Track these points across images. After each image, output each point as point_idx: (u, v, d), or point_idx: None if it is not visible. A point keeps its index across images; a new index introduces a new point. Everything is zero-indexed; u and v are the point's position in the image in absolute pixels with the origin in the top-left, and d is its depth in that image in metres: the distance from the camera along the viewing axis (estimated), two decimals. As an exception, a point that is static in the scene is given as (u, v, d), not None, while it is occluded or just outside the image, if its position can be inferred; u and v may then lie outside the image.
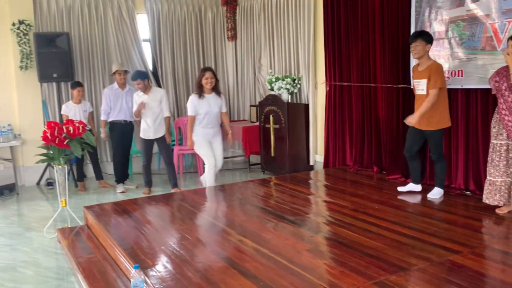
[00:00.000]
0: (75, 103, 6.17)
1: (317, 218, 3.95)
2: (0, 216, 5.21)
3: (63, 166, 4.44)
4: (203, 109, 5.13)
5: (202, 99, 5.14)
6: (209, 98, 5.17)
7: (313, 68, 6.34)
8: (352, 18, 5.59)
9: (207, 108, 5.14)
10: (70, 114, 6.05)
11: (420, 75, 4.26)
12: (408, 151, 4.51)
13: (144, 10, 7.45)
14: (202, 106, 5.13)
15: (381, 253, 3.03)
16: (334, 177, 5.55)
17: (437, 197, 4.34)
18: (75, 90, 6.15)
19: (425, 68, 4.22)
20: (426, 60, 4.24)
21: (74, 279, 3.44)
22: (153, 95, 5.67)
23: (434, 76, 4.11)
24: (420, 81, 4.25)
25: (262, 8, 7.23)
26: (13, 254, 4.03)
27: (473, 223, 3.65)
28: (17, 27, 6.37)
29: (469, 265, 2.83)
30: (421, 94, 4.25)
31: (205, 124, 5.21)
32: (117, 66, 6.21)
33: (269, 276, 2.77)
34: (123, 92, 6.15)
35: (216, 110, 5.21)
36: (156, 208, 4.50)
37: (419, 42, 4.18)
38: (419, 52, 4.20)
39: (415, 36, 4.26)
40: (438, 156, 4.34)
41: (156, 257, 3.17)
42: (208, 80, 5.10)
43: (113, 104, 6.09)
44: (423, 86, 4.23)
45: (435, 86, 4.11)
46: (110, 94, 6.10)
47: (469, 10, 4.25)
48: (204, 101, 5.15)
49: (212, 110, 5.17)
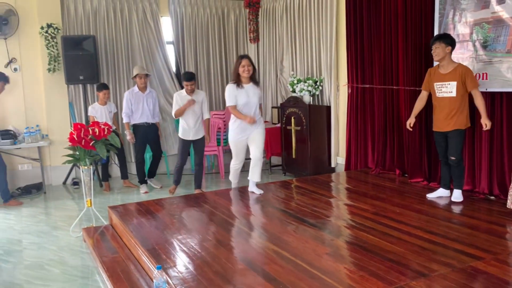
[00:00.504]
0: (101, 104, 6.31)
1: (338, 222, 3.95)
2: (28, 215, 5.36)
3: (89, 166, 4.55)
4: (242, 100, 4.80)
5: (240, 89, 4.82)
6: (247, 88, 4.83)
7: (335, 70, 6.33)
8: (374, 20, 5.57)
9: (246, 98, 4.81)
10: (96, 116, 6.21)
11: (445, 77, 4.22)
12: (443, 157, 4.43)
13: (168, 13, 7.55)
14: (240, 96, 4.80)
15: (401, 258, 3.02)
16: (356, 179, 5.53)
17: (461, 199, 4.30)
18: (101, 92, 6.29)
19: (451, 70, 4.19)
20: (448, 63, 4.21)
21: (98, 278, 3.53)
22: (196, 97, 5.72)
23: (470, 77, 4.10)
24: (448, 83, 4.20)
25: (285, 10, 7.25)
26: (40, 252, 4.16)
27: (496, 229, 3.59)
28: (46, 31, 6.54)
29: (491, 271, 2.80)
30: (448, 96, 4.20)
31: None
32: (138, 70, 6.28)
33: (289, 279, 2.80)
34: (144, 95, 6.22)
35: (255, 101, 4.85)
36: (178, 209, 4.57)
37: (438, 44, 4.18)
38: (439, 54, 4.19)
39: (435, 39, 4.26)
40: (458, 159, 4.26)
41: (177, 258, 3.22)
42: (245, 68, 4.75)
43: (135, 107, 6.16)
44: (451, 89, 4.18)
45: (476, 84, 4.13)
46: (130, 98, 6.16)
47: (494, 12, 4.18)
48: (242, 91, 4.81)
49: (251, 100, 4.82)
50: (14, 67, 6.57)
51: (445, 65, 4.23)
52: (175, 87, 7.58)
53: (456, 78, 4.12)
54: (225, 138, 7.34)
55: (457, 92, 4.13)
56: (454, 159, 4.26)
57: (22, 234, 4.68)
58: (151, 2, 7.31)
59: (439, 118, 4.33)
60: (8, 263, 3.92)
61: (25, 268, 3.78)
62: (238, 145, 5.01)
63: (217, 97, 7.99)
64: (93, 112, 6.28)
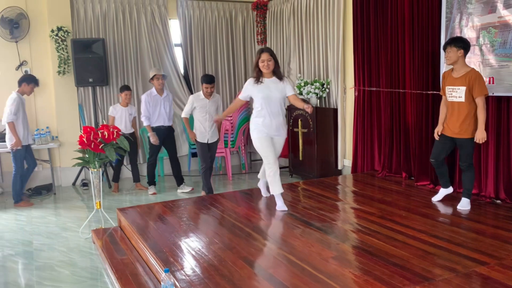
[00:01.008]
0: (123, 106, 6.34)
1: (344, 225, 3.98)
2: (38, 216, 5.45)
3: (98, 169, 4.62)
4: (261, 93, 4.40)
5: (259, 84, 4.43)
6: (268, 82, 4.43)
7: (342, 73, 6.35)
8: (381, 23, 5.59)
9: (266, 92, 4.40)
10: (116, 116, 6.27)
11: (456, 82, 4.17)
12: (435, 157, 4.44)
13: (176, 15, 7.62)
14: (259, 90, 4.41)
15: (406, 262, 3.05)
16: (362, 182, 5.56)
17: (467, 208, 4.26)
18: (123, 94, 6.34)
19: (462, 75, 4.12)
20: (461, 67, 4.14)
21: (107, 279, 3.60)
22: (214, 100, 5.78)
23: (478, 84, 4.03)
24: (458, 88, 4.15)
25: (292, 13, 7.29)
26: (50, 253, 4.23)
27: (502, 234, 3.61)
28: (56, 34, 6.64)
29: (495, 277, 2.82)
30: (457, 101, 4.16)
31: (264, 114, 4.43)
32: (155, 71, 6.24)
33: (294, 282, 2.84)
34: (162, 98, 6.16)
35: (277, 96, 4.42)
36: (186, 211, 4.62)
37: (450, 48, 4.11)
38: (451, 58, 4.13)
39: (447, 43, 4.19)
40: (469, 165, 4.25)
41: (185, 261, 3.27)
42: (264, 63, 4.35)
43: (152, 110, 6.10)
44: (460, 94, 4.13)
45: (482, 93, 4.04)
46: (149, 100, 6.10)
47: (501, 17, 4.19)
48: (261, 86, 4.43)
49: (272, 95, 4.40)
50: (24, 69, 6.67)
51: (458, 69, 4.16)
52: (183, 90, 7.65)
53: (465, 83, 4.08)
54: (232, 140, 7.40)
55: (465, 98, 4.09)
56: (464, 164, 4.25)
57: (32, 235, 4.76)
58: (159, 5, 7.38)
59: (448, 122, 4.30)
60: (19, 264, 4.00)
61: (36, 269, 3.86)
62: (263, 141, 4.46)
63: (224, 99, 8.03)
64: (114, 112, 6.32)
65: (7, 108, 5.74)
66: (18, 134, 5.73)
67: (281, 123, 4.52)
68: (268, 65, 4.37)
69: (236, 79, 8.17)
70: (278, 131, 4.51)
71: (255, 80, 4.44)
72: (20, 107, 5.80)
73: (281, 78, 4.48)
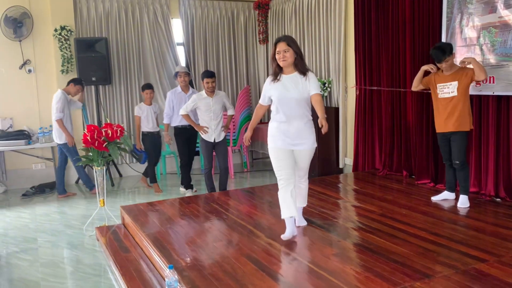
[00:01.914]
0: (147, 104, 6.32)
1: (345, 223, 4.03)
2: (42, 213, 5.51)
3: (102, 167, 4.67)
4: (275, 94, 3.61)
5: (276, 82, 3.65)
6: (286, 79, 3.61)
7: (343, 72, 6.39)
8: (382, 23, 5.62)
9: (280, 91, 3.59)
10: (142, 116, 6.25)
11: (447, 78, 4.28)
12: (447, 159, 4.48)
13: (179, 15, 7.67)
14: (275, 89, 3.62)
15: (406, 260, 3.09)
16: (363, 181, 5.60)
17: (467, 206, 4.30)
18: (143, 92, 6.33)
19: (454, 72, 4.25)
20: (453, 66, 4.28)
21: (111, 276, 3.65)
22: (217, 98, 5.61)
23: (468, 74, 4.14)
24: (449, 83, 4.26)
25: (294, 12, 7.33)
26: (55, 250, 4.29)
27: (501, 231, 3.64)
28: (59, 33, 6.69)
29: (494, 274, 2.86)
30: (450, 96, 4.26)
31: (280, 118, 3.62)
32: (179, 68, 6.20)
33: (296, 279, 2.88)
34: (186, 95, 6.03)
35: (295, 95, 3.55)
36: (189, 209, 4.67)
37: (448, 58, 4.19)
38: (451, 64, 4.24)
39: (442, 54, 4.17)
40: (462, 162, 4.30)
41: (188, 258, 3.32)
42: (280, 55, 3.56)
43: (177, 109, 5.93)
44: (453, 89, 4.24)
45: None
46: (173, 98, 6.01)
47: (501, 17, 4.23)
48: (278, 83, 3.63)
49: (288, 94, 3.56)
50: (28, 68, 6.73)
51: (450, 68, 4.27)
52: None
53: (457, 78, 4.19)
54: (234, 139, 7.44)
55: (458, 91, 4.20)
56: (458, 162, 4.30)
57: (37, 232, 4.82)
58: (162, 4, 7.43)
59: (441, 119, 4.37)
60: (24, 261, 4.05)
61: (41, 266, 3.91)
62: (277, 153, 3.64)
63: (226, 97, 8.08)
64: (139, 112, 6.27)
65: (54, 106, 6.01)
66: None
67: (303, 129, 3.64)
68: (284, 56, 3.55)
69: (237, 78, 8.21)
70: (300, 139, 3.64)
71: (273, 77, 3.68)
72: (65, 104, 6.06)
73: (305, 72, 3.60)
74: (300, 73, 3.59)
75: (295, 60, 3.58)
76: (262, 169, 7.69)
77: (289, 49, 3.54)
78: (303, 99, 3.59)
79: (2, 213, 5.55)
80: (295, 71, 3.60)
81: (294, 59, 3.57)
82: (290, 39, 3.60)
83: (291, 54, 3.55)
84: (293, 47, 3.56)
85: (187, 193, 6.12)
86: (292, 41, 3.59)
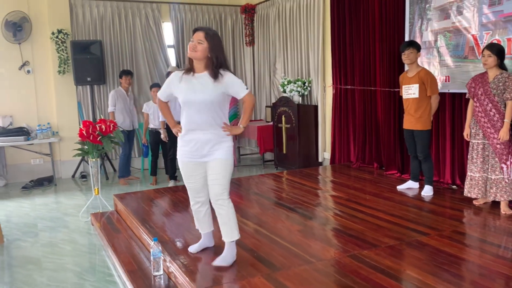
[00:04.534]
0: (155, 102, 6.69)
1: (315, 207, 4.50)
2: (41, 203, 5.95)
3: (97, 159, 5.13)
4: (181, 96, 3.08)
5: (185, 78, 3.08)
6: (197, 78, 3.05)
7: (322, 72, 6.87)
8: (355, 27, 6.11)
9: (186, 94, 3.05)
10: (150, 112, 6.71)
11: (410, 80, 4.72)
12: (412, 152, 4.91)
13: (169, 18, 8.11)
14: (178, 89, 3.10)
15: (360, 234, 3.58)
16: (338, 172, 6.07)
17: (430, 194, 4.74)
18: (151, 91, 6.80)
19: (415, 74, 4.67)
20: (416, 67, 4.70)
21: (104, 253, 4.10)
22: None
23: (431, 83, 4.58)
24: (411, 86, 4.70)
25: (277, 16, 7.80)
26: (54, 233, 4.74)
27: (449, 212, 4.14)
28: (56, 36, 7.12)
29: (432, 244, 3.34)
30: (412, 97, 4.70)
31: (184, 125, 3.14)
32: (171, 68, 6.59)
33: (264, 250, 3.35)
34: None
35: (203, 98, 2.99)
36: (176, 197, 5.12)
37: (412, 49, 4.62)
38: (412, 59, 4.64)
39: (408, 45, 4.68)
40: (425, 156, 4.75)
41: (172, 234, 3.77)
42: (192, 44, 2.99)
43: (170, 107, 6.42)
44: (414, 91, 4.67)
45: (435, 91, 4.62)
46: None
47: (454, 23, 4.72)
48: (187, 82, 3.07)
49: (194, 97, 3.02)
50: (27, 69, 7.16)
51: (412, 69, 4.71)
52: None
53: (418, 81, 4.63)
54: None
55: (419, 93, 4.63)
56: (421, 155, 4.76)
57: (36, 219, 5.26)
58: (153, 8, 7.88)
59: (406, 117, 4.84)
60: (26, 242, 4.50)
61: (41, 246, 4.36)
62: (182, 168, 3.19)
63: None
64: (147, 109, 6.75)
65: None
66: (117, 121, 6.39)
67: (210, 140, 3.05)
68: (195, 47, 2.97)
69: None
70: (205, 150, 3.07)
71: (183, 72, 3.11)
72: (116, 99, 6.77)
73: (216, 75, 2.99)
74: (210, 75, 3.00)
75: (207, 59, 3.00)
76: (249, 164, 8.15)
77: (204, 42, 2.97)
78: (215, 103, 3.02)
79: (4, 203, 5.99)
80: (205, 70, 3.05)
81: (206, 56, 2.99)
82: (211, 33, 3.01)
83: (204, 49, 2.97)
84: (210, 43, 2.97)
85: (170, 183, 6.57)
86: (212, 35, 2.99)
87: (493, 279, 2.81)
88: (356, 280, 2.81)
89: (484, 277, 2.84)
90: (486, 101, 4.15)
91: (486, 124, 4.17)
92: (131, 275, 3.30)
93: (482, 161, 4.27)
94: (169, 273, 3.27)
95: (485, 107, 4.16)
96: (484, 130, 4.19)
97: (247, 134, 8.03)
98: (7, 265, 3.98)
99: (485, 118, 4.17)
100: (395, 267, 2.97)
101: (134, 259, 3.63)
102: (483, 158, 4.27)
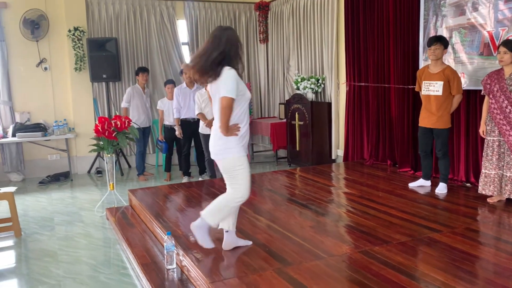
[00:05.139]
0: (169, 99, 6.78)
1: (327, 203, 4.51)
2: (58, 198, 6.06)
3: (112, 154, 5.20)
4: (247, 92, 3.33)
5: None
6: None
7: (336, 69, 6.86)
8: (369, 24, 6.09)
9: None
10: (164, 109, 6.76)
11: (434, 77, 4.59)
12: (423, 150, 4.87)
13: (184, 16, 8.17)
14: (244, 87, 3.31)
15: (372, 230, 3.58)
16: (351, 169, 6.06)
17: (444, 192, 4.69)
18: (165, 88, 6.88)
19: (440, 71, 4.55)
20: (441, 64, 4.58)
21: (119, 247, 4.17)
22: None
23: (457, 82, 4.49)
24: (435, 82, 4.56)
25: (291, 13, 7.80)
26: (70, 227, 4.83)
27: (463, 210, 4.11)
28: (73, 33, 7.23)
29: (444, 241, 3.33)
30: (434, 95, 4.58)
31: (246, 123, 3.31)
32: (183, 65, 6.70)
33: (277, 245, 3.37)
34: (191, 90, 6.33)
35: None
36: (189, 192, 5.17)
37: (439, 45, 4.49)
38: (438, 55, 4.51)
39: (435, 40, 4.52)
40: (444, 153, 4.70)
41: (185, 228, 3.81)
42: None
43: (182, 103, 6.32)
44: (438, 88, 4.55)
45: (460, 91, 4.53)
46: (179, 93, 6.35)
47: (469, 19, 4.68)
48: None
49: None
50: (44, 66, 7.28)
51: (437, 65, 4.57)
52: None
53: (443, 78, 4.52)
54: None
55: (443, 91, 4.53)
56: (440, 153, 4.69)
57: (53, 213, 5.36)
58: (168, 6, 7.94)
59: (424, 114, 4.76)
60: (43, 235, 4.60)
61: (58, 240, 4.45)
62: None
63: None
64: (162, 106, 6.79)
65: None
66: (132, 118, 6.45)
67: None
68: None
69: (239, 75, 8.68)
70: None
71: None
72: (131, 96, 6.85)
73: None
74: None
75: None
76: (263, 161, 8.18)
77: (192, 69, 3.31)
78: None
79: (22, 197, 6.10)
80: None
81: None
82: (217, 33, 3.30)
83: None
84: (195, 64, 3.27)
85: (184, 179, 6.59)
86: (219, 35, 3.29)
87: (508, 277, 2.79)
88: (367, 275, 2.82)
89: (498, 275, 2.82)
90: (501, 98, 4.12)
91: (501, 121, 4.13)
92: (144, 268, 3.36)
93: (498, 158, 4.23)
94: (182, 266, 3.32)
95: (501, 104, 4.12)
96: (500, 127, 4.16)
97: (260, 131, 8.05)
98: (24, 258, 4.08)
99: (501, 115, 4.13)
100: (407, 263, 2.97)
101: (148, 253, 3.69)
102: (499, 155, 4.23)
